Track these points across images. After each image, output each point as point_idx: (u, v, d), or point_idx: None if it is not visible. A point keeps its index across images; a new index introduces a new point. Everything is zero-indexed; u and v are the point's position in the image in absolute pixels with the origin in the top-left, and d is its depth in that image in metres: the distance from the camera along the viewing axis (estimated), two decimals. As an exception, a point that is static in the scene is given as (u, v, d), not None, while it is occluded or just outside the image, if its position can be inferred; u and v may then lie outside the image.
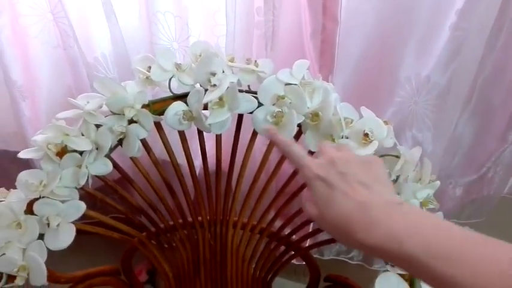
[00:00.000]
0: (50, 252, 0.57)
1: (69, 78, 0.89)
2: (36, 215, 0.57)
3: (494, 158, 1.02)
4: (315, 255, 1.04)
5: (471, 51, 0.76)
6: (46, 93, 0.90)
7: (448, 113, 0.84)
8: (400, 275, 0.55)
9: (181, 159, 0.69)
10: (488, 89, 0.86)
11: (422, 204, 0.57)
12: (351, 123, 0.57)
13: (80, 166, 0.57)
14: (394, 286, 0.53)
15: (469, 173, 1.06)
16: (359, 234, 0.33)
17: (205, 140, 0.68)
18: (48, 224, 0.56)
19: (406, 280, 0.55)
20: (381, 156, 0.60)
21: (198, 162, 0.74)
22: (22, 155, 0.59)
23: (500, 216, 1.13)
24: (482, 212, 1.09)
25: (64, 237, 0.57)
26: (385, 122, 0.58)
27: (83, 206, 0.58)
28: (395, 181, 0.58)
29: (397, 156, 0.59)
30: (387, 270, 0.56)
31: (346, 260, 1.06)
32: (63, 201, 0.57)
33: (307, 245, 0.75)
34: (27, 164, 0.92)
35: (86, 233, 0.66)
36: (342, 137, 0.57)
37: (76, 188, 0.59)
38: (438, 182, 0.58)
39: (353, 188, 0.36)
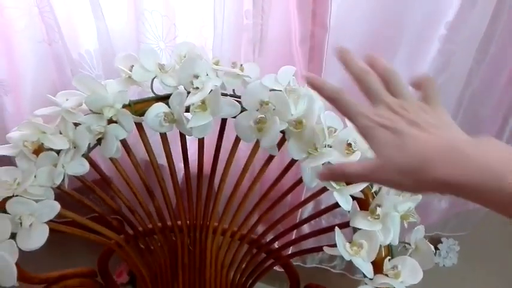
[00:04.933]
0: (25, 253, 0.56)
1: (54, 74, 0.87)
2: (8, 213, 0.55)
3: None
4: (297, 263, 1.03)
5: (460, 64, 0.76)
6: (30, 89, 0.88)
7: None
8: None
9: (163, 162, 0.67)
10: (476, 103, 0.86)
11: (402, 218, 0.56)
12: (335, 132, 0.57)
13: (56, 165, 0.56)
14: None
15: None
16: (444, 170, 0.32)
17: (189, 143, 0.67)
18: (21, 224, 0.54)
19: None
20: (364, 166, 0.60)
21: (181, 164, 0.73)
22: (-2, 151, 0.58)
23: (484, 231, 1.13)
24: (466, 226, 1.09)
25: (36, 237, 0.55)
26: (369, 133, 0.57)
27: (57, 206, 0.56)
28: (376, 193, 0.58)
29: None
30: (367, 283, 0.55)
31: (329, 268, 1.05)
32: (37, 201, 0.56)
33: (288, 253, 0.74)
34: (9, 162, 0.91)
35: (62, 233, 0.65)
36: (325, 146, 0.56)
37: (52, 187, 0.57)
38: (420, 196, 0.57)
39: (428, 131, 0.34)
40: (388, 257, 0.55)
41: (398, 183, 0.35)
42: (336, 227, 0.56)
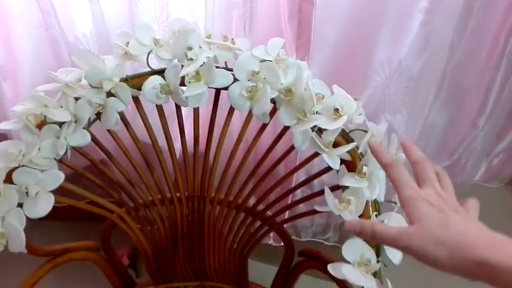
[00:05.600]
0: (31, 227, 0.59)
1: (51, 59, 0.89)
2: (15, 184, 0.58)
3: (466, 144, 1.06)
4: (292, 237, 1.06)
5: (442, 37, 0.79)
6: (27, 74, 0.91)
7: (420, 98, 0.87)
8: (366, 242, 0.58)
9: (160, 139, 0.70)
10: (459, 75, 0.89)
11: (387, 176, 0.60)
12: (323, 99, 0.60)
13: (59, 137, 0.59)
14: (360, 251, 0.56)
15: (441, 159, 1.10)
16: (485, 249, 0.35)
17: (184, 121, 0.70)
18: (27, 193, 0.57)
19: (372, 247, 0.58)
20: (351, 131, 0.63)
21: (177, 144, 0.75)
22: (2, 126, 0.60)
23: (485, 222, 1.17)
24: (454, 197, 1.12)
25: (42, 205, 0.58)
26: (354, 99, 0.61)
27: (61, 176, 0.59)
28: (363, 155, 0.61)
29: (366, 131, 0.62)
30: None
31: (322, 241, 1.09)
32: (42, 171, 0.59)
33: (282, 219, 0.78)
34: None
35: (67, 209, 0.68)
36: (314, 113, 0.59)
37: (55, 159, 0.60)
38: (403, 155, 0.60)
39: (467, 219, 0.39)
40: (375, 213, 0.59)
41: (432, 255, 0.37)
42: (326, 186, 0.60)
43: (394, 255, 0.57)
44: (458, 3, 0.75)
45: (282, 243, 0.81)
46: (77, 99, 0.60)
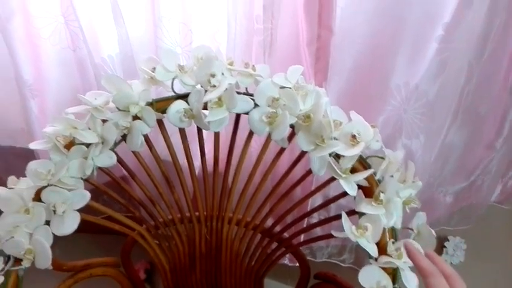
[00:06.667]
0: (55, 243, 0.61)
1: (77, 79, 0.93)
2: (43, 202, 0.61)
3: (483, 166, 1.06)
4: (307, 258, 1.07)
5: (458, 63, 0.80)
6: (54, 93, 0.95)
7: (436, 122, 0.88)
8: (383, 269, 0.59)
9: (181, 159, 0.73)
10: (476, 99, 0.90)
11: (404, 203, 0.61)
12: (340, 125, 0.61)
13: (86, 158, 0.61)
14: (377, 278, 0.56)
15: (458, 181, 1.10)
16: None
17: (204, 140, 0.72)
18: (55, 211, 0.60)
19: (388, 274, 0.58)
20: (368, 157, 0.64)
21: (197, 163, 0.77)
22: (33, 146, 0.63)
23: (487, 224, 1.16)
24: (470, 219, 1.12)
25: (69, 223, 0.60)
26: (372, 126, 0.62)
27: (87, 195, 0.62)
28: (380, 181, 0.62)
29: (383, 158, 0.63)
30: (372, 263, 0.59)
31: (338, 262, 1.10)
32: (69, 190, 0.61)
33: (299, 241, 0.79)
34: (33, 160, 0.96)
35: (91, 227, 0.70)
36: (332, 138, 0.61)
37: (82, 178, 0.63)
38: (420, 183, 0.61)
39: None
40: (392, 240, 0.60)
41: None
42: (343, 212, 0.61)
43: (411, 283, 0.57)
44: (475, 30, 0.76)
45: (297, 264, 0.82)
46: (104, 121, 0.63)
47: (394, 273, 0.59)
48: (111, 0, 0.76)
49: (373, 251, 0.58)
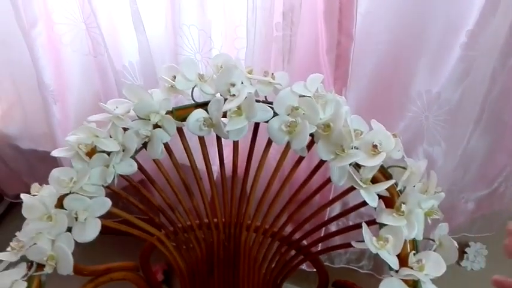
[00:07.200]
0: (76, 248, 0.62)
1: (98, 84, 0.94)
2: (65, 209, 0.62)
3: (506, 173, 1.04)
4: (325, 263, 1.07)
5: (481, 70, 0.78)
6: (76, 98, 0.96)
7: (458, 129, 0.86)
8: (403, 281, 0.58)
9: (199, 164, 0.73)
10: (499, 107, 0.88)
11: (426, 214, 0.60)
12: (361, 134, 0.61)
13: (107, 166, 0.62)
14: (397, 291, 0.56)
15: (480, 188, 1.08)
16: None
17: (222, 147, 0.73)
18: (76, 218, 0.61)
19: (409, 286, 0.58)
20: (389, 167, 0.64)
21: (215, 167, 0.78)
22: (55, 153, 0.64)
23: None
24: (492, 227, 1.10)
25: (90, 230, 0.61)
26: (394, 135, 0.61)
27: (108, 202, 0.62)
28: (401, 192, 0.61)
29: (404, 168, 0.62)
30: (392, 275, 0.59)
31: (356, 268, 1.09)
32: (90, 197, 0.62)
33: (317, 250, 0.78)
34: (55, 163, 0.98)
35: (109, 230, 0.71)
36: (352, 148, 0.60)
37: (103, 185, 0.64)
38: (443, 194, 0.60)
39: None
40: (413, 252, 0.59)
41: None
42: (363, 222, 0.60)
43: (432, 296, 0.57)
44: (500, 38, 0.74)
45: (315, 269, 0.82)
46: (125, 129, 0.64)
47: (415, 285, 0.58)
48: (131, 8, 0.77)
49: (394, 263, 0.57)
